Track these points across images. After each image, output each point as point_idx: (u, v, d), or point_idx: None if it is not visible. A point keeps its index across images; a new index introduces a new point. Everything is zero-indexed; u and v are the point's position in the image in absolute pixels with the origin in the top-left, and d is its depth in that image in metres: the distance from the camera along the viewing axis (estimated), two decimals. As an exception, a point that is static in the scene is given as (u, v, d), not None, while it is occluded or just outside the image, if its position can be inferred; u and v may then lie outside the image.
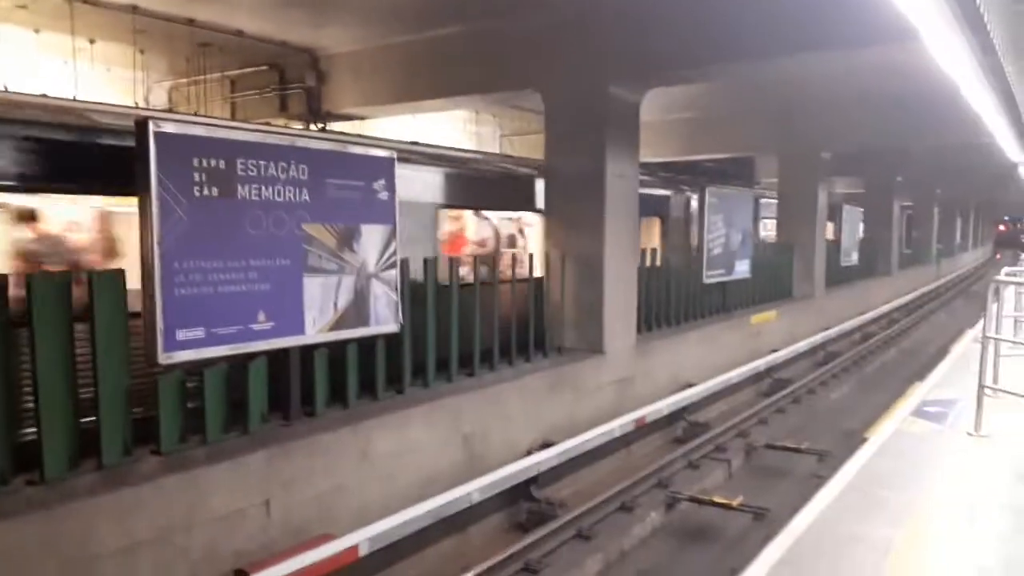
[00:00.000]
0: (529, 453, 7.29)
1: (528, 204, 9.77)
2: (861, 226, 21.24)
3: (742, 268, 13.23)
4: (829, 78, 12.17)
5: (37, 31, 9.65)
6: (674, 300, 11.27)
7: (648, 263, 10.53)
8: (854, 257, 19.73)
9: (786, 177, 16.54)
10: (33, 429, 4.39)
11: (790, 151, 16.03)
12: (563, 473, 7.53)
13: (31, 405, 4.40)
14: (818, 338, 14.95)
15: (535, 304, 8.50)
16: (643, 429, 8.89)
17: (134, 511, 4.38)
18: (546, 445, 7.46)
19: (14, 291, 4.42)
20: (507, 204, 9.99)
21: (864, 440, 6.86)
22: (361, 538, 5.08)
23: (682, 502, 7.43)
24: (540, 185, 9.51)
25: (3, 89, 7.94)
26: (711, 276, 12.13)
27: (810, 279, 16.15)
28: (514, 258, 8.95)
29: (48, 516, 4.05)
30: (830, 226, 18.42)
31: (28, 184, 5.21)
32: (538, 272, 8.59)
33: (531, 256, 8.51)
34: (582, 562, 6.13)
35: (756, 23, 7.58)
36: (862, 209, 21.02)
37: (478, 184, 9.20)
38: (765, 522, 6.88)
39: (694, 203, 13.61)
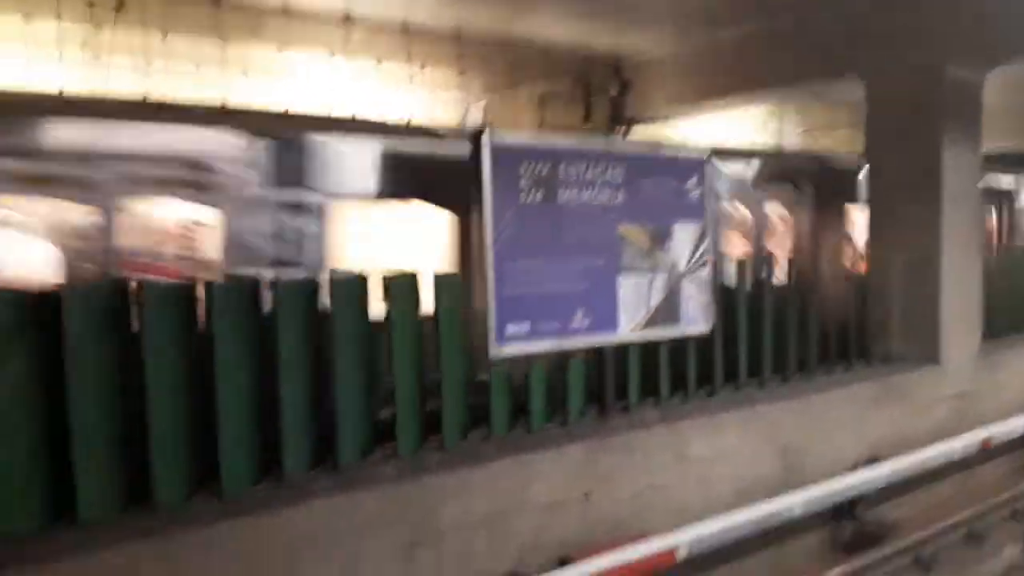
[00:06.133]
0: (854, 469, 6.71)
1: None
2: None
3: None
4: None
5: (379, 61, 10.96)
6: (1027, 303, 9.73)
7: (993, 262, 9.21)
8: None
9: None
10: (388, 411, 4.92)
11: None
12: (892, 493, 6.82)
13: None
14: None
15: (857, 306, 7.82)
16: (987, 451, 7.76)
17: (471, 491, 4.72)
18: (871, 461, 6.81)
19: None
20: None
21: None
22: (680, 541, 5.02)
23: (1046, 539, 6.36)
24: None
25: (352, 117, 9.12)
26: (1075, 277, 10.26)
27: None
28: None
29: (400, 489, 4.50)
30: None
31: None
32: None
33: (856, 252, 7.85)
34: (922, 594, 5.50)
35: None
36: None
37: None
38: None
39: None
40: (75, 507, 3.78)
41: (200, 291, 4.25)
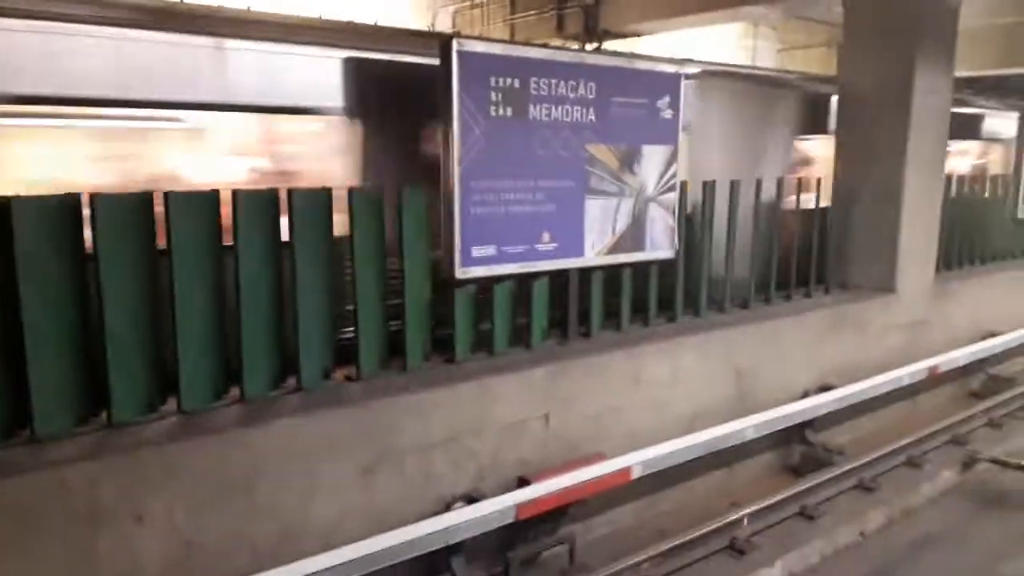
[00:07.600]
0: (806, 395, 6.90)
1: (818, 126, 9.01)
2: None
3: (1069, 202, 11.28)
4: None
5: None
6: (982, 236, 9.92)
7: (954, 193, 9.31)
8: None
9: None
10: (350, 331, 4.86)
11: None
12: (841, 419, 7.06)
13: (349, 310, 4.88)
14: None
15: (819, 235, 7.88)
16: (933, 379, 8.03)
17: (433, 412, 4.73)
18: (824, 388, 7.01)
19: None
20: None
21: None
22: (635, 461, 5.13)
23: (981, 463, 6.66)
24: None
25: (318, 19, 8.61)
26: (1029, 211, 10.50)
27: None
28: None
29: (365, 410, 4.50)
30: None
31: None
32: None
33: (819, 181, 7.84)
34: (863, 514, 5.72)
35: None
36: None
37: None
38: (1088, 497, 5.99)
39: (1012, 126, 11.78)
40: (31, 422, 3.71)
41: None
